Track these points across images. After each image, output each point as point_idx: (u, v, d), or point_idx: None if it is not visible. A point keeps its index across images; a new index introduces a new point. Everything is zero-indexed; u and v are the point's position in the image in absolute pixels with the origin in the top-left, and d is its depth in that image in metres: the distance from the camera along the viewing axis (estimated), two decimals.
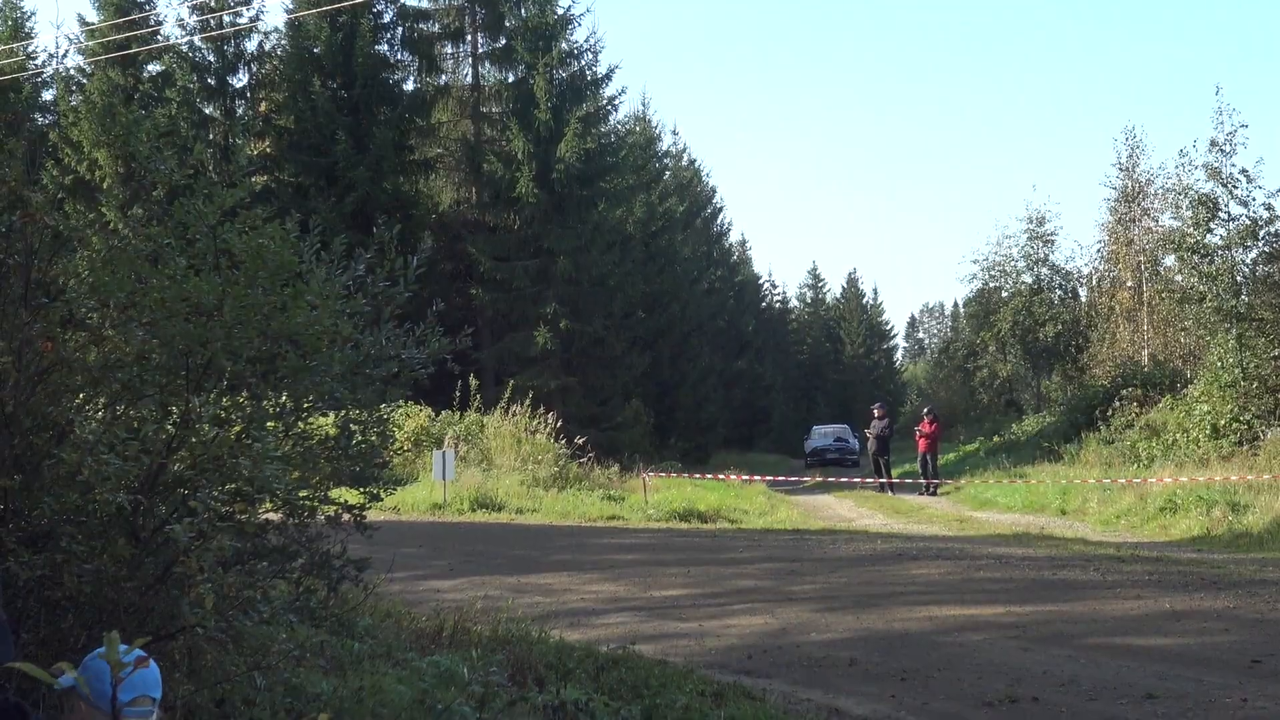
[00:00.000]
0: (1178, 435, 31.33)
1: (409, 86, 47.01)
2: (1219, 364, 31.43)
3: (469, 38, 47.54)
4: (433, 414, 33.69)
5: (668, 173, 66.33)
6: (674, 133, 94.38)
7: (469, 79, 48.07)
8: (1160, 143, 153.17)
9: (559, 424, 34.02)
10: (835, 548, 20.11)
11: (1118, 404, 36.59)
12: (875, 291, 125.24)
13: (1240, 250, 32.87)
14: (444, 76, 48.31)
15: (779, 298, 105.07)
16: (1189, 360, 41.78)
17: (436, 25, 47.70)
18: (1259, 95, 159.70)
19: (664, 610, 14.38)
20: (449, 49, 48.46)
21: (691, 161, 74.00)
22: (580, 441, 33.55)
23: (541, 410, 34.33)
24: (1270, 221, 32.23)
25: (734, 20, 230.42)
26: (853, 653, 11.80)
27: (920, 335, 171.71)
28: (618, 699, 9.06)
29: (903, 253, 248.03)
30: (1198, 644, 12.00)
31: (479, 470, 30.44)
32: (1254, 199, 32.35)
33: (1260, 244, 32.53)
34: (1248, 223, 32.39)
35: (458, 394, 32.62)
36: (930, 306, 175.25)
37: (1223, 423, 29.91)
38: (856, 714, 9.56)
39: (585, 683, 9.42)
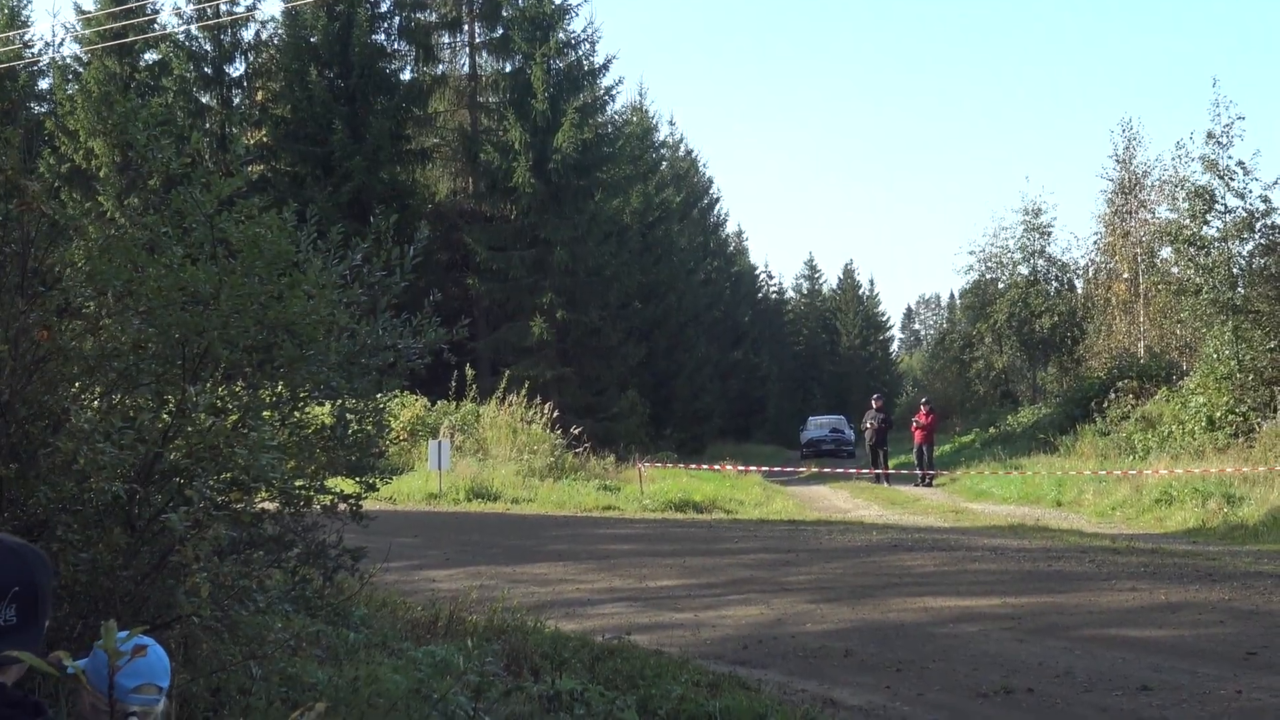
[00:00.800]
0: (1173, 427, 31.37)
1: (406, 76, 46.89)
2: (1215, 356, 31.50)
3: (466, 27, 47.44)
4: (429, 404, 33.71)
5: (664, 163, 66.22)
6: (671, 123, 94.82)
7: (466, 69, 47.97)
8: (1157, 135, 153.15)
9: (555, 414, 33.99)
10: (831, 539, 20.15)
11: (1113, 396, 36.65)
12: (872, 282, 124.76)
13: (1237, 242, 33.01)
14: (441, 66, 48.19)
15: (775, 288, 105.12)
16: (1185, 352, 41.82)
17: (434, 15, 47.61)
18: (1257, 87, 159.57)
19: (659, 601, 14.41)
20: (446, 38, 48.36)
21: (689, 152, 73.97)
22: (576, 432, 33.59)
23: (537, 400, 34.30)
24: (1267, 214, 32.37)
25: (732, 10, 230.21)
26: (848, 643, 11.83)
27: (916, 326, 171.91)
28: (613, 689, 9.07)
29: (899, 244, 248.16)
30: (1193, 636, 12.04)
31: (475, 460, 30.46)
32: (1250, 191, 32.54)
33: (1257, 236, 32.68)
34: (1244, 215, 32.54)
35: (454, 384, 32.63)
36: (927, 298, 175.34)
37: (1218, 415, 29.97)
38: (851, 705, 9.58)
39: (581, 673, 9.44)
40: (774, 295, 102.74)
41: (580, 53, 45.55)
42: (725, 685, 9.59)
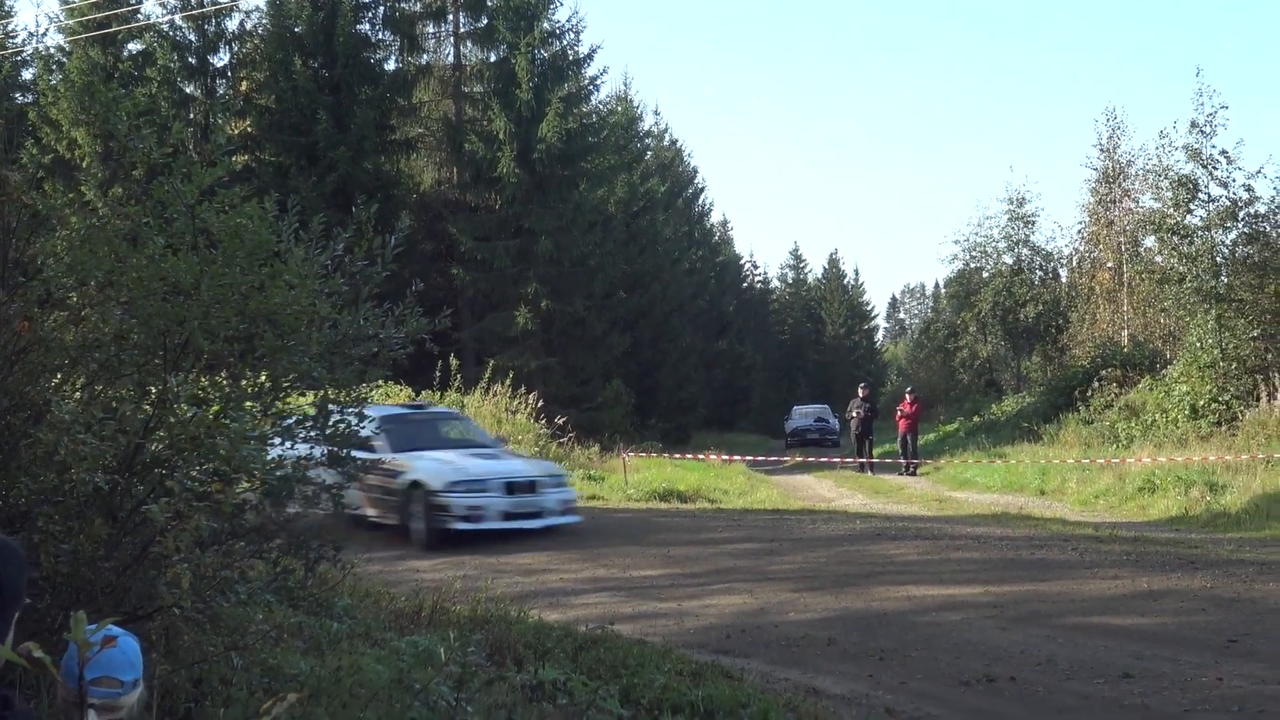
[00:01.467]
0: (1157, 416, 31.49)
1: (390, 66, 46.87)
2: (1198, 345, 31.68)
3: (451, 17, 47.40)
4: (413, 394, 33.66)
5: (649, 153, 66.18)
6: (656, 113, 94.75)
7: (451, 58, 47.95)
8: (1142, 125, 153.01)
9: (539, 404, 33.99)
10: (814, 528, 20.15)
11: (1097, 384, 36.80)
12: (857, 272, 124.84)
13: (1220, 231, 33.11)
14: (425, 56, 48.16)
15: (760, 278, 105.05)
16: (1168, 341, 41.99)
17: (418, 4, 47.54)
18: (1240, 76, 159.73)
19: (643, 590, 14.44)
20: (431, 28, 48.31)
21: (673, 141, 73.92)
22: (561, 421, 33.59)
23: (522, 390, 34.30)
24: (1250, 202, 32.49)
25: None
26: (831, 632, 11.86)
27: (901, 315, 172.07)
28: (596, 678, 9.06)
29: (885, 233, 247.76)
30: (1175, 623, 12.09)
31: None
32: (1234, 180, 32.63)
33: (1240, 225, 32.81)
34: (1227, 204, 32.66)
35: (438, 374, 32.63)
36: (911, 287, 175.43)
37: (1201, 403, 30.12)
38: (834, 693, 9.60)
39: (564, 662, 9.43)
40: (759, 285, 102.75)
41: (565, 42, 45.80)
42: (708, 674, 9.58)
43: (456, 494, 17.88)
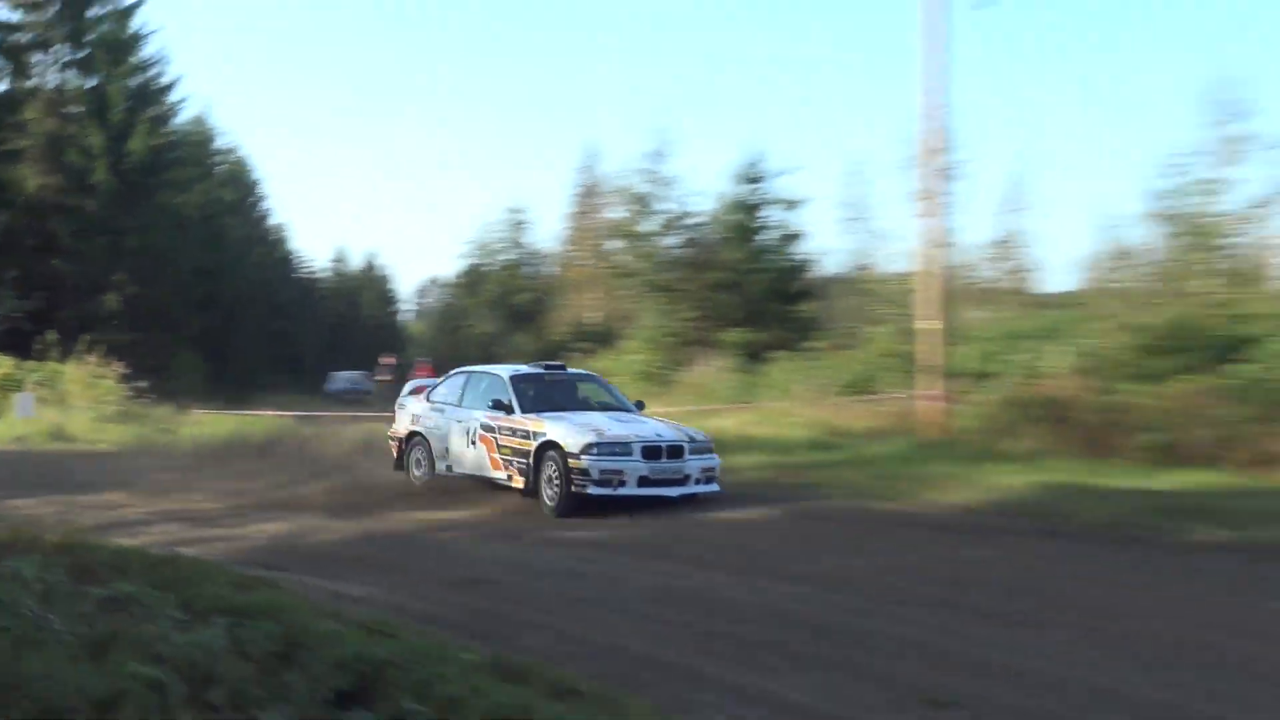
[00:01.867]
0: (615, 380, 33.00)
1: (1, 87, 44.52)
2: (648, 324, 34.16)
3: (56, 48, 45.25)
4: (18, 363, 32.54)
5: (222, 165, 65.07)
6: (228, 132, 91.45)
7: (55, 83, 45.75)
8: (620, 145, 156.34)
9: (126, 372, 33.01)
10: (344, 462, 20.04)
11: (572, 355, 38.16)
12: (389, 264, 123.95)
13: (666, 237, 36.02)
14: (33, 80, 45.78)
15: (311, 270, 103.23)
16: (627, 321, 44.05)
17: (28, 36, 45.16)
18: (694, 104, 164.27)
19: (205, 520, 14.30)
20: (39, 57, 45.96)
21: (242, 157, 72.38)
22: (143, 386, 32.69)
23: (112, 360, 33.24)
24: (688, 215, 36.10)
25: (284, 34, 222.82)
26: (354, 550, 12.11)
27: (426, 299, 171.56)
28: (165, 590, 8.98)
29: (419, 229, 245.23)
30: (614, 535, 12.90)
31: (57, 409, 29.42)
32: (678, 197, 35.91)
33: (681, 232, 35.95)
34: (672, 215, 35.73)
35: (41, 347, 31.70)
36: (436, 277, 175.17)
37: (650, 369, 32.19)
38: (354, 595, 9.74)
39: (137, 579, 9.28)
40: (310, 275, 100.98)
41: (152, 73, 45.98)
42: (254, 584, 9.61)
43: (593, 457, 14.43)
